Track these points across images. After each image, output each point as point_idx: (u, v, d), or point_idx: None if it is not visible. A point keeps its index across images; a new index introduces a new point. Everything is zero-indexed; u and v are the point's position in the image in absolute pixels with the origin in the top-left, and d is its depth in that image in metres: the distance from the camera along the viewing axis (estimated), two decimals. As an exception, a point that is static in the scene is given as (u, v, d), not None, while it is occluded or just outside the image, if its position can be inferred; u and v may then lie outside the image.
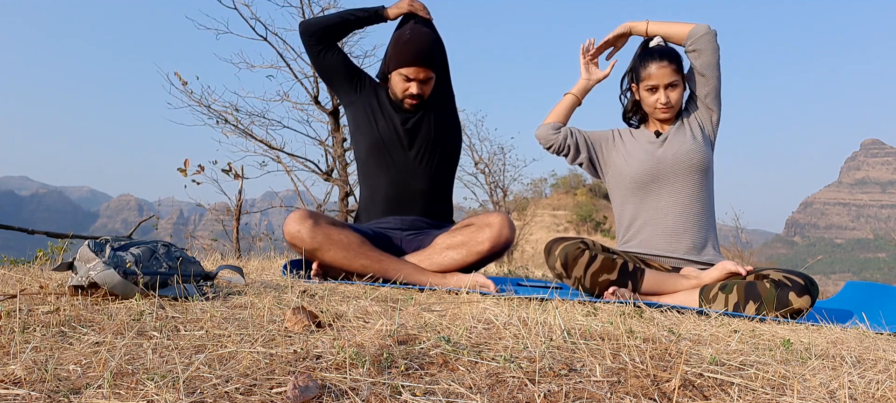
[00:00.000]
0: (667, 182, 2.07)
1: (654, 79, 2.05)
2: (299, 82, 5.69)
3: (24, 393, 0.74)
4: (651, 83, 2.06)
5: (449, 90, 2.35)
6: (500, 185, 13.72)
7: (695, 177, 2.05)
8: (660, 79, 2.05)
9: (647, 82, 2.07)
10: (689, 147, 2.05)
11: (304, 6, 5.49)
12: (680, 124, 2.12)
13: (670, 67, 2.04)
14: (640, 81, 2.10)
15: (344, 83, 2.29)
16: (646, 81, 2.07)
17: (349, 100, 2.31)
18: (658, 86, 2.06)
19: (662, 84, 2.05)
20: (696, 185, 2.06)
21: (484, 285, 1.94)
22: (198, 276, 1.53)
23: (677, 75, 2.06)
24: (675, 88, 2.06)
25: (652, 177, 2.08)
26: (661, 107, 2.07)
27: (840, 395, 0.88)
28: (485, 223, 2.09)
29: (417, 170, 2.24)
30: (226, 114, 5.67)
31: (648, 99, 2.09)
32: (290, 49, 5.63)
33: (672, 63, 2.05)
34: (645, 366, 0.94)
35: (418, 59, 2.15)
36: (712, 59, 2.07)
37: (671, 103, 2.06)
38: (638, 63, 2.11)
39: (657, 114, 2.10)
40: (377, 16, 2.30)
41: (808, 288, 1.73)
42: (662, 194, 2.08)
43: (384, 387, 0.80)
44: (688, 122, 2.12)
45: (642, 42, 2.20)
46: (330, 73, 2.29)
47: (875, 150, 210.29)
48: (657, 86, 2.06)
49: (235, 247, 4.50)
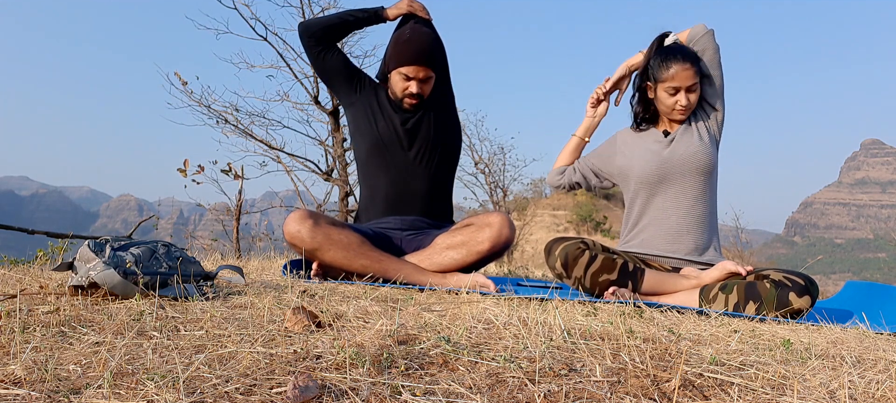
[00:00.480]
0: (672, 183, 2.06)
1: (678, 81, 1.99)
2: (299, 82, 5.69)
3: (24, 393, 0.74)
4: (674, 84, 2.00)
5: (449, 90, 2.34)
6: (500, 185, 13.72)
7: (700, 179, 2.05)
8: (683, 81, 1.99)
9: (670, 84, 2.01)
10: (696, 148, 2.03)
11: (304, 6, 5.49)
12: (687, 125, 2.10)
13: (693, 69, 1.99)
14: (660, 81, 2.03)
15: (344, 84, 2.29)
16: (668, 82, 2.01)
17: (349, 100, 2.31)
18: (680, 89, 2.01)
19: (684, 86, 2.00)
20: (700, 187, 2.05)
21: (484, 285, 1.94)
22: (198, 276, 1.53)
23: (697, 77, 2.01)
24: (694, 91, 2.02)
25: (658, 178, 2.07)
26: (680, 109, 2.03)
27: (840, 395, 0.88)
28: (485, 223, 2.09)
29: (417, 171, 2.24)
30: (226, 114, 5.68)
31: (667, 100, 2.04)
32: (290, 49, 5.63)
33: (694, 65, 2.00)
34: (645, 366, 0.94)
35: (418, 58, 2.15)
36: (715, 58, 2.06)
37: (691, 106, 2.03)
38: (656, 62, 2.04)
39: (674, 115, 2.06)
40: (377, 16, 2.30)
41: (808, 288, 1.73)
42: (668, 195, 2.07)
43: (384, 387, 0.80)
44: (695, 123, 2.10)
45: (656, 40, 2.13)
46: (329, 74, 2.29)
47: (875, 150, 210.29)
48: (679, 88, 2.00)
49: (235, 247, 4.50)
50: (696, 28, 2.09)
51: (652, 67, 2.06)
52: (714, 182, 2.10)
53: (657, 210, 2.09)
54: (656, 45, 2.12)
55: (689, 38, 2.08)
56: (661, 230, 2.07)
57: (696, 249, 2.05)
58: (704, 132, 2.08)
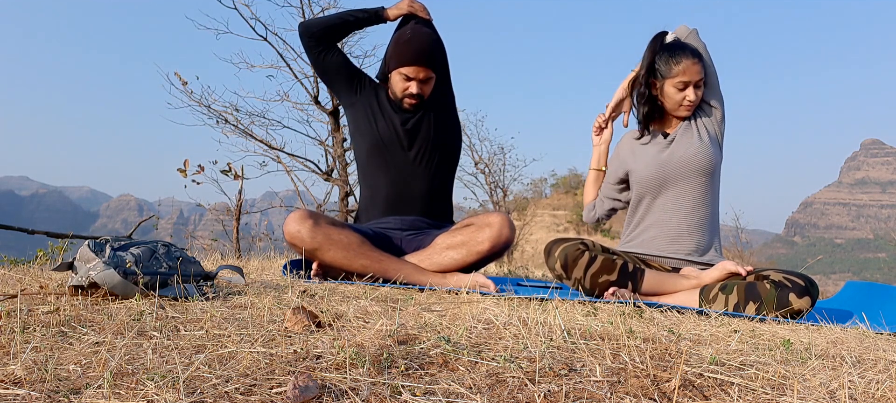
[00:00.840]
0: (673, 185, 2.06)
1: (687, 76, 2.00)
2: (299, 82, 5.69)
3: (24, 393, 0.74)
4: (684, 79, 2.00)
5: (449, 90, 2.34)
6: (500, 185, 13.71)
7: (701, 180, 2.03)
8: (692, 75, 2.00)
9: (680, 78, 2.01)
10: (695, 149, 2.03)
11: (304, 6, 5.49)
12: (687, 125, 2.09)
13: (700, 64, 2.01)
14: (668, 77, 2.02)
15: (344, 84, 2.29)
16: (677, 77, 2.01)
17: (349, 101, 2.31)
18: (689, 83, 2.01)
19: (693, 81, 2.00)
20: (702, 188, 2.04)
21: (484, 285, 1.94)
22: (198, 276, 1.53)
23: (704, 73, 2.03)
24: (700, 86, 2.03)
25: (659, 182, 2.07)
26: (687, 105, 2.04)
27: (840, 395, 0.88)
28: (485, 223, 2.09)
29: (417, 171, 2.24)
30: (226, 114, 5.67)
31: (676, 95, 2.03)
32: (290, 49, 5.63)
33: (701, 61, 2.01)
34: (645, 366, 0.94)
35: (418, 58, 2.15)
36: (705, 56, 2.06)
37: (697, 101, 2.04)
38: (663, 59, 2.04)
39: (680, 111, 2.06)
40: (377, 17, 2.30)
41: (808, 289, 1.73)
42: (668, 197, 2.07)
43: (384, 387, 0.80)
44: (695, 123, 2.10)
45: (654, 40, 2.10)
46: (330, 74, 2.29)
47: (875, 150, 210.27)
48: (689, 82, 2.01)
49: (235, 247, 4.50)
50: (680, 29, 2.11)
51: (658, 65, 2.05)
52: (716, 182, 2.09)
53: (659, 212, 2.09)
54: (657, 44, 2.09)
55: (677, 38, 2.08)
56: (662, 231, 2.07)
57: (697, 250, 2.05)
58: (705, 132, 2.07)
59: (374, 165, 2.26)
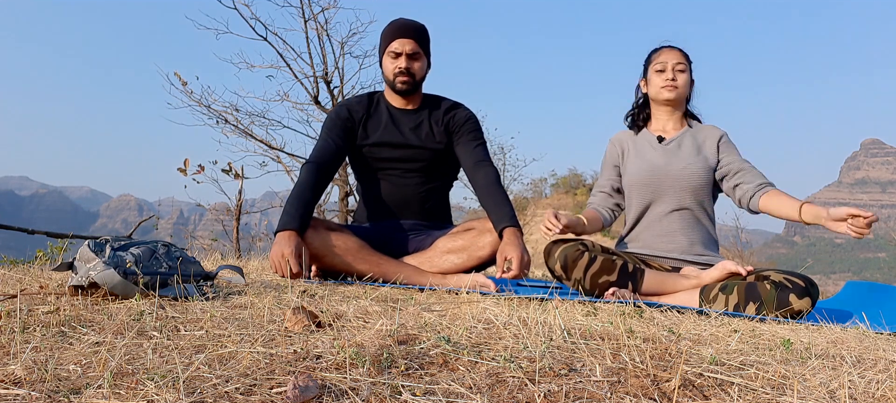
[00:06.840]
0: (667, 193, 2.08)
1: (665, 58, 2.14)
2: (299, 82, 5.69)
3: (24, 393, 0.74)
4: (660, 63, 2.14)
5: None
6: (500, 185, 13.68)
7: (697, 192, 2.07)
8: (669, 58, 2.14)
9: (656, 65, 2.15)
10: (690, 165, 2.08)
11: (304, 6, 5.49)
12: (687, 130, 2.15)
13: (680, 53, 2.15)
14: (651, 65, 2.18)
15: (354, 148, 2.28)
16: (655, 64, 2.16)
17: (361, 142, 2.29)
18: (666, 67, 2.13)
19: (671, 63, 2.13)
20: (697, 196, 2.07)
21: (484, 285, 1.93)
22: (198, 276, 1.53)
23: (686, 64, 2.15)
24: (682, 73, 2.14)
25: (652, 188, 2.09)
26: (667, 84, 2.12)
27: (840, 395, 0.88)
28: (486, 228, 2.08)
29: (415, 175, 2.24)
30: (226, 114, 5.67)
31: (657, 81, 2.15)
32: (290, 49, 5.63)
33: (682, 52, 2.15)
34: (645, 366, 0.94)
35: (402, 32, 2.18)
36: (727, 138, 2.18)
37: (677, 83, 2.12)
38: (648, 57, 2.21)
39: (662, 93, 2.13)
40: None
41: (808, 289, 1.73)
42: (663, 202, 2.09)
43: (384, 387, 0.80)
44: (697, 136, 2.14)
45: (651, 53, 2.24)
46: (350, 154, 2.30)
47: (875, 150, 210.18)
48: (666, 62, 2.13)
49: (235, 247, 4.49)
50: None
51: (646, 65, 2.22)
52: (710, 188, 2.12)
53: (655, 214, 2.11)
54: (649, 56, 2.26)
55: None
56: (657, 232, 2.09)
57: (692, 249, 2.06)
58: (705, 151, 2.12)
59: (371, 170, 2.26)
